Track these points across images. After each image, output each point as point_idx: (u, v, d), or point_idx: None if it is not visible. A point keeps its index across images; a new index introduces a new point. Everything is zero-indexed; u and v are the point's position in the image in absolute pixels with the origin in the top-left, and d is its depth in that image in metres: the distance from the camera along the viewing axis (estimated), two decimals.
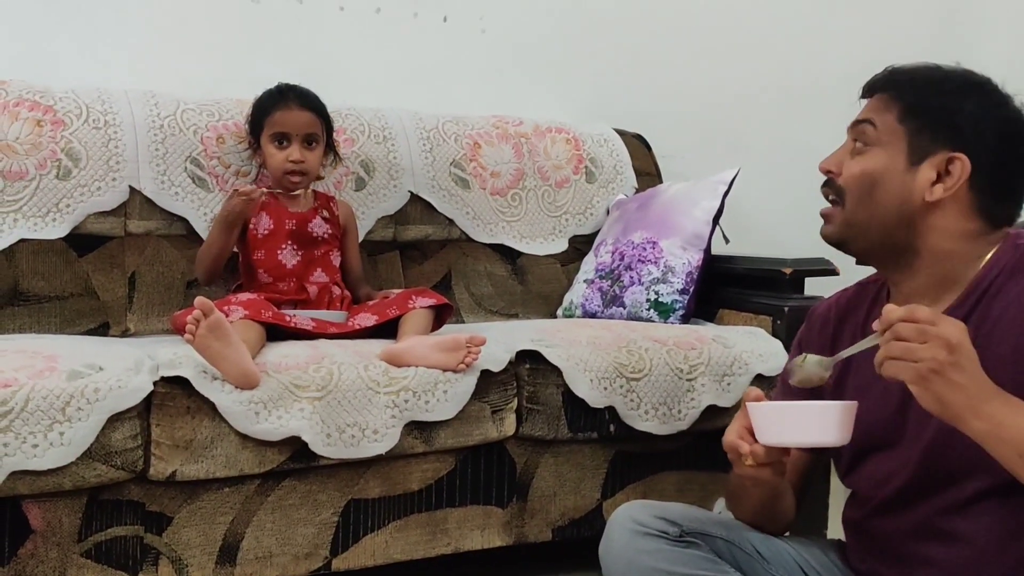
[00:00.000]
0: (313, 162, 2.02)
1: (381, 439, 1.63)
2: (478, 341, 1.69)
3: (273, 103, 2.01)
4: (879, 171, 1.18)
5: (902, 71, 1.22)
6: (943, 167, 1.16)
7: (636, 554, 1.23)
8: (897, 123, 1.18)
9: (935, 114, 1.17)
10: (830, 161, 1.24)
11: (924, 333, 1.00)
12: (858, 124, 1.22)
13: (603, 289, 2.25)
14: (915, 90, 1.19)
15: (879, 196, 1.18)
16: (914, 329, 1.00)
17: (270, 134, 1.99)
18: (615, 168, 2.55)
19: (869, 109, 1.22)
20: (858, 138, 1.22)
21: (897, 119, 1.18)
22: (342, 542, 1.66)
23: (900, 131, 1.18)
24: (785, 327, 2.00)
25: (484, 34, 2.63)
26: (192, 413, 1.53)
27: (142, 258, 2.04)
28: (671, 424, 1.85)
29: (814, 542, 1.35)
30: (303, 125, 1.99)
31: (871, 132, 1.20)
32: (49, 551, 1.47)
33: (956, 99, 1.18)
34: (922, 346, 1.00)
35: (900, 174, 1.17)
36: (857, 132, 1.22)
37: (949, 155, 1.16)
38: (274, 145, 1.99)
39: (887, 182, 1.18)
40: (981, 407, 1.00)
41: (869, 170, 1.19)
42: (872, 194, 1.18)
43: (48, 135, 1.97)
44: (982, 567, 1.12)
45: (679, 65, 2.84)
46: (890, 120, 1.19)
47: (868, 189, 1.18)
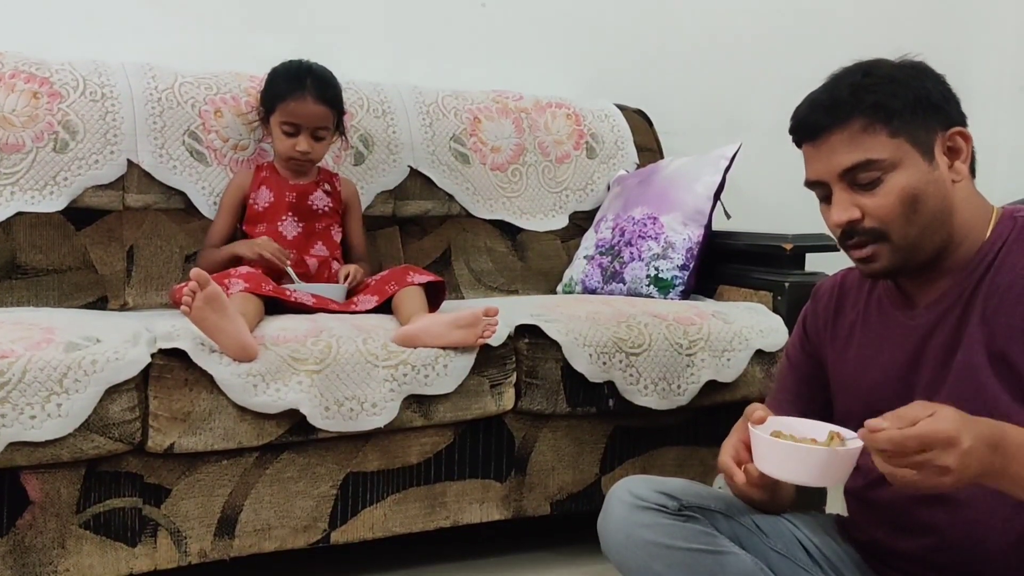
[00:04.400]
0: (320, 152, 2.01)
1: (380, 412, 1.63)
2: (493, 311, 1.68)
3: (290, 90, 1.96)
4: (911, 186, 1.13)
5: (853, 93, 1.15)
6: (946, 148, 1.16)
7: (634, 528, 1.23)
8: (891, 139, 1.14)
9: (915, 108, 1.14)
10: (845, 212, 1.15)
11: (920, 467, 0.96)
12: (855, 167, 1.14)
13: (603, 265, 2.24)
14: (884, 101, 1.14)
15: (923, 206, 1.14)
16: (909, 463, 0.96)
17: (281, 120, 1.97)
18: (616, 144, 2.53)
19: (852, 148, 1.14)
20: (859, 181, 1.15)
21: (889, 136, 1.13)
22: (340, 515, 1.67)
23: (900, 143, 1.14)
24: (786, 303, 1.99)
25: (485, 8, 2.61)
26: (190, 385, 1.52)
27: (140, 232, 2.04)
28: (670, 399, 1.85)
29: (813, 516, 1.35)
30: (316, 119, 1.97)
31: (875, 165, 1.13)
32: (47, 522, 1.47)
33: (917, 85, 1.16)
34: (930, 471, 0.96)
35: (927, 174, 1.14)
36: (859, 173, 1.14)
37: (946, 133, 1.16)
38: (283, 131, 1.97)
39: (924, 189, 1.14)
40: (996, 474, 0.98)
41: (905, 191, 1.13)
42: (917, 209, 1.14)
43: (45, 107, 1.95)
44: (985, 532, 1.12)
45: (681, 40, 2.82)
46: (883, 141, 1.13)
47: (911, 208, 1.13)
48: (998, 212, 1.19)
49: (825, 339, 1.33)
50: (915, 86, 1.15)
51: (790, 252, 2.06)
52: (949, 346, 1.16)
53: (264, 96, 2.03)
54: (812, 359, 1.35)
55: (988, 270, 1.15)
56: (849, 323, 1.30)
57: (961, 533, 1.13)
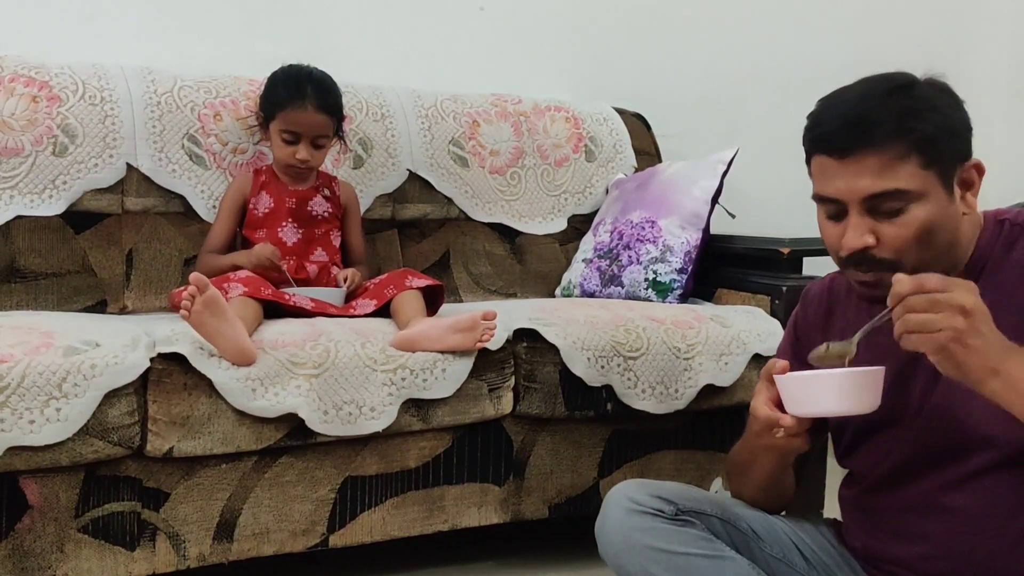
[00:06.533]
0: (319, 159, 2.01)
1: (378, 416, 1.63)
2: (491, 315, 1.68)
3: (290, 98, 1.95)
4: (930, 220, 1.11)
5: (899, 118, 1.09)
6: (961, 179, 1.14)
7: (631, 532, 1.23)
8: (922, 170, 1.09)
9: (948, 139, 1.12)
10: (861, 239, 1.12)
11: (937, 303, 0.99)
12: (884, 195, 1.10)
13: (601, 268, 2.25)
14: (927, 132, 1.09)
15: (936, 239, 1.12)
16: (927, 300, 0.99)
17: (280, 129, 1.96)
18: (614, 147, 2.54)
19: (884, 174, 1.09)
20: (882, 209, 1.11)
21: (921, 167, 1.09)
22: (339, 519, 1.67)
23: (929, 176, 1.10)
24: (783, 306, 2.00)
25: (483, 12, 2.61)
26: (189, 390, 1.53)
27: (139, 235, 2.04)
28: (668, 403, 1.85)
29: (809, 520, 1.36)
30: (316, 127, 1.96)
31: (904, 196, 1.10)
32: (46, 526, 1.47)
33: (951, 114, 1.13)
34: (938, 317, 0.99)
35: (946, 208, 1.12)
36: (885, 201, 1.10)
37: (964, 166, 1.14)
38: (282, 138, 1.96)
39: (940, 223, 1.12)
40: (1000, 366, 1.00)
41: (925, 224, 1.11)
42: (932, 241, 1.12)
43: (44, 111, 1.96)
44: (979, 542, 1.12)
45: (679, 44, 2.82)
46: (915, 172, 1.09)
47: (927, 239, 1.11)
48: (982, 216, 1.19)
49: (816, 343, 1.33)
50: (950, 116, 1.12)
51: (787, 256, 2.07)
52: None
53: (264, 102, 2.03)
54: (802, 363, 1.35)
55: (980, 276, 1.15)
56: (840, 328, 1.30)
57: (953, 541, 1.14)
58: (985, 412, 1.11)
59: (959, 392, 1.13)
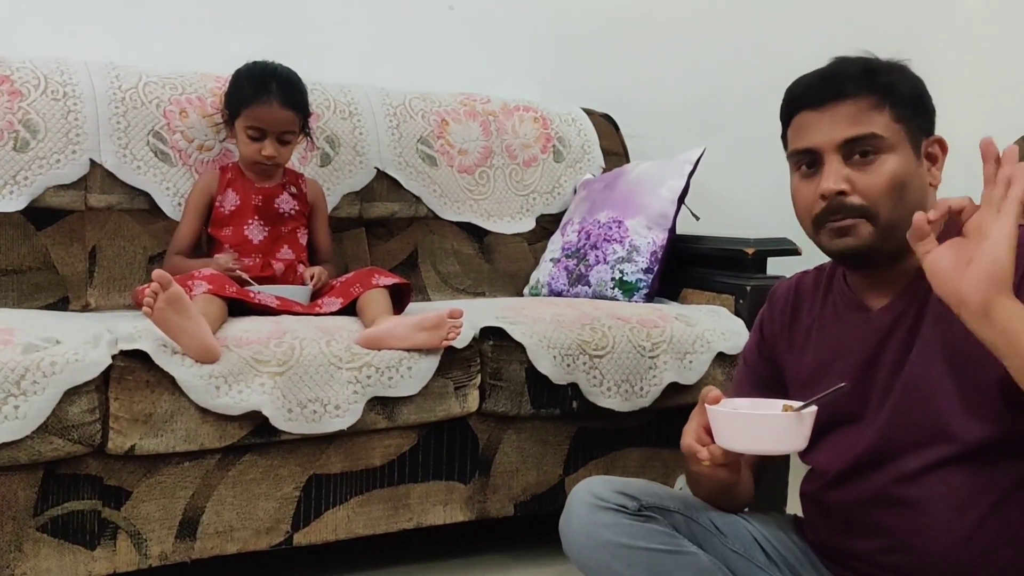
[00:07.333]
0: (286, 156, 2.00)
1: (343, 415, 1.63)
2: (457, 314, 1.68)
3: (255, 95, 1.94)
4: (902, 173, 1.17)
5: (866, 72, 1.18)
6: (927, 152, 1.21)
7: (595, 528, 1.24)
8: (894, 123, 1.17)
9: (915, 104, 1.20)
10: (837, 182, 1.16)
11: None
12: (859, 139, 1.16)
13: (569, 268, 2.25)
14: (895, 85, 1.18)
15: (908, 196, 1.17)
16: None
17: (246, 125, 1.95)
18: (583, 148, 2.55)
19: (859, 120, 1.17)
20: (858, 151, 1.17)
21: (892, 120, 1.17)
22: (304, 517, 1.66)
23: (899, 130, 1.17)
24: (747, 306, 2.01)
25: (453, 11, 2.62)
26: (151, 387, 1.51)
27: (103, 232, 2.02)
28: (633, 401, 1.86)
29: (772, 517, 1.37)
30: (281, 123, 1.95)
31: (876, 142, 1.16)
32: (4, 525, 1.45)
33: (918, 84, 1.21)
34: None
35: (916, 168, 1.19)
36: (859, 146, 1.16)
37: (930, 139, 1.21)
38: (248, 135, 1.96)
39: (911, 180, 1.18)
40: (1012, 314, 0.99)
41: (896, 175, 1.16)
42: (903, 196, 1.16)
43: (4, 105, 1.93)
44: (933, 535, 1.14)
45: (648, 46, 2.84)
46: (887, 122, 1.17)
47: (899, 193, 1.16)
48: None
49: (782, 342, 1.35)
50: (917, 86, 1.21)
51: (752, 256, 2.09)
52: (905, 347, 1.18)
53: (228, 99, 2.01)
54: (769, 362, 1.37)
55: None
56: (806, 327, 1.32)
57: (909, 535, 1.15)
58: (946, 407, 1.13)
59: (920, 388, 1.15)
